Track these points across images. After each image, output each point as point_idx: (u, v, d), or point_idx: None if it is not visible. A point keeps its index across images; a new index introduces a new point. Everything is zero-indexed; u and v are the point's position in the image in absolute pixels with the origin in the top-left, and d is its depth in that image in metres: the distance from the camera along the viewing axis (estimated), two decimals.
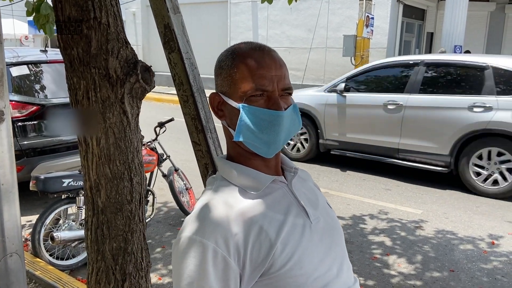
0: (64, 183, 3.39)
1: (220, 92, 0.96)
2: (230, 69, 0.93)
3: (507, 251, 3.92)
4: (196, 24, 14.95)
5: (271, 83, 0.91)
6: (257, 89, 0.90)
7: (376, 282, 3.36)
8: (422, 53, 15.03)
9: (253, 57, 0.92)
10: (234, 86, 0.92)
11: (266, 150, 0.93)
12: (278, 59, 0.94)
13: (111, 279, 1.51)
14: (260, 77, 0.90)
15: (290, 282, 0.87)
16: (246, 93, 0.90)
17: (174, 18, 1.30)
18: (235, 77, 0.92)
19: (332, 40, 13.01)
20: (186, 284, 0.83)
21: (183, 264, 0.84)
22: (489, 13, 14.54)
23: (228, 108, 0.94)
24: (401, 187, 5.65)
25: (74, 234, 3.38)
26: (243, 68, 0.92)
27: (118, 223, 1.48)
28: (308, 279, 0.88)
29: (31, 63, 4.74)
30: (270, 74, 0.91)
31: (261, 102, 0.91)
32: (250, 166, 0.96)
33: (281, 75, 0.92)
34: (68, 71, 1.40)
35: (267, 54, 0.93)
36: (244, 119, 0.90)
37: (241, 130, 0.91)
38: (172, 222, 4.45)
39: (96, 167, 1.44)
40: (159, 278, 3.35)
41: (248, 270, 0.85)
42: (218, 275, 0.82)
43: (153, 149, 4.24)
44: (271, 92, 0.91)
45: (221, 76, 0.96)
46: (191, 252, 0.84)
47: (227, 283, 0.83)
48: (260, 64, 0.91)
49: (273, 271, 0.85)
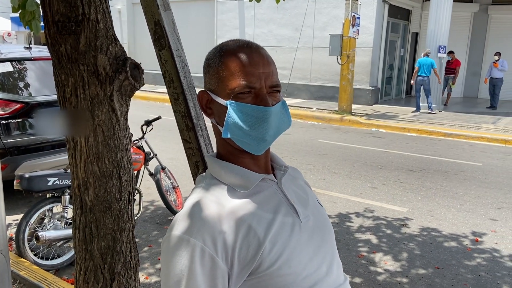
0: (49, 182, 3.34)
1: (208, 89, 0.96)
2: (217, 66, 0.93)
3: (490, 248, 3.99)
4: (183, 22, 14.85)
5: (259, 80, 0.90)
6: (244, 86, 0.89)
7: (362, 279, 3.39)
8: (407, 53, 15.20)
9: (240, 54, 0.92)
10: (221, 84, 0.92)
11: (255, 146, 0.92)
12: (266, 56, 0.93)
13: (99, 278, 1.49)
14: (247, 74, 0.90)
15: (278, 281, 0.86)
16: (233, 90, 0.90)
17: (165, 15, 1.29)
18: (222, 75, 0.91)
19: (318, 39, 13.07)
20: (174, 282, 0.83)
21: (172, 263, 0.84)
22: (472, 14, 14.77)
23: (217, 106, 0.94)
24: (387, 186, 5.72)
25: (60, 233, 3.34)
26: (230, 65, 0.91)
27: (106, 222, 1.47)
28: (297, 278, 0.88)
29: (14, 60, 4.65)
30: (258, 72, 0.90)
31: (248, 99, 0.90)
32: (239, 164, 0.96)
33: (269, 72, 0.92)
34: (56, 68, 1.38)
35: (255, 51, 0.93)
36: (231, 116, 0.90)
37: (229, 127, 0.90)
38: (159, 221, 4.42)
39: (85, 165, 1.42)
40: (146, 278, 3.33)
41: (236, 269, 0.84)
42: (206, 274, 0.82)
43: (139, 147, 4.21)
44: (259, 89, 0.90)
45: (209, 74, 0.95)
46: (179, 251, 0.83)
47: (214, 282, 0.83)
48: (247, 61, 0.90)
49: (262, 270, 0.85)
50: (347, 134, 9.36)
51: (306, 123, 10.64)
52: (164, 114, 5.46)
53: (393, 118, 10.65)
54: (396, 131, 9.70)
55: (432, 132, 9.35)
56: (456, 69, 12.87)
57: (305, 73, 13.50)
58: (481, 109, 12.59)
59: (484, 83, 13.08)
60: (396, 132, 9.65)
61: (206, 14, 15.34)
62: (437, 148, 8.14)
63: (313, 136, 9.00)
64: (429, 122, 10.17)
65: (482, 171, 6.52)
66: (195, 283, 0.82)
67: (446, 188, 5.68)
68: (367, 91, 12.71)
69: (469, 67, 15.01)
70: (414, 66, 15.68)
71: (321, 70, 13.08)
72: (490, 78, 12.45)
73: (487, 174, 6.35)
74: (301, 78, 13.55)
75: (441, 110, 11.98)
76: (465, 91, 15.23)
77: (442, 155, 7.52)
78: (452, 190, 5.60)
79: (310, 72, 13.46)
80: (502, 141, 8.64)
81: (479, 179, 6.12)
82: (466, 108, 12.79)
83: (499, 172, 6.49)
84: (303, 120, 10.87)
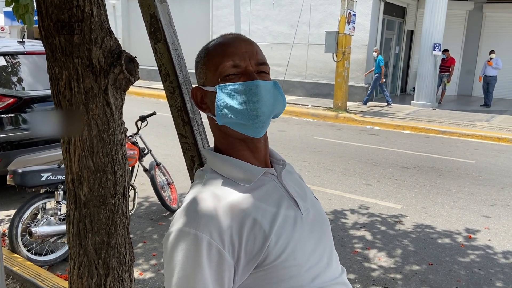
0: (42, 177, 3.32)
1: (199, 85, 0.98)
2: (203, 59, 0.96)
3: (484, 244, 4.02)
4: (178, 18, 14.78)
5: (243, 59, 0.91)
6: (229, 66, 0.90)
7: (357, 275, 3.40)
8: (402, 51, 15.23)
9: (222, 42, 0.95)
10: (209, 73, 0.94)
11: (252, 127, 0.90)
12: (248, 39, 0.96)
13: (93, 274, 1.48)
14: (230, 55, 0.91)
15: (284, 273, 0.87)
16: (220, 74, 0.91)
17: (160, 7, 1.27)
18: (208, 64, 0.94)
19: (314, 36, 13.06)
20: (180, 277, 0.82)
21: (177, 257, 0.83)
22: (467, 12, 14.82)
23: (209, 97, 0.94)
24: (381, 183, 5.73)
25: (53, 229, 3.32)
26: (214, 52, 0.94)
27: (101, 217, 1.45)
28: (301, 269, 0.89)
29: (7, 54, 4.60)
30: (241, 51, 0.92)
31: (236, 80, 0.91)
32: (239, 157, 0.95)
33: (252, 51, 0.93)
34: (49, 61, 1.36)
35: (236, 37, 0.96)
36: (221, 97, 0.90)
37: (221, 110, 0.90)
38: (154, 217, 4.41)
39: (79, 159, 1.40)
40: (140, 274, 3.32)
41: (242, 262, 0.84)
42: (213, 268, 0.82)
43: (134, 143, 4.18)
44: (245, 67, 0.91)
45: (197, 70, 0.98)
46: (184, 245, 0.82)
47: (221, 275, 0.83)
48: (229, 44, 0.93)
49: (268, 263, 0.85)
50: (342, 131, 9.38)
51: (301, 120, 10.64)
52: (159, 110, 5.43)
53: (387, 116, 10.67)
54: (390, 128, 9.73)
55: (426, 130, 9.39)
56: (451, 67, 12.93)
57: (300, 70, 13.49)
58: (475, 107, 12.65)
59: (479, 81, 13.15)
60: (391, 129, 9.68)
61: (201, 10, 15.28)
62: (431, 145, 8.18)
63: (308, 133, 9.01)
64: (424, 120, 10.20)
65: (475, 169, 6.56)
66: (203, 277, 0.81)
67: (440, 185, 5.71)
68: (362, 89, 12.73)
69: (463, 65, 15.07)
70: (409, 64, 15.79)
71: (316, 67, 13.08)
72: (484, 76, 12.52)
73: (480, 172, 6.39)
74: (297, 75, 13.55)
75: (436, 108, 12.03)
76: (459, 89, 15.30)
77: (436, 153, 7.55)
78: (446, 187, 5.63)
79: (305, 69, 13.45)
80: (496, 138, 8.69)
81: (473, 176, 6.15)
82: (460, 106, 12.85)
83: (493, 170, 6.53)
84: (298, 117, 10.87)
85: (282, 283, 0.87)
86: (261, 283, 0.87)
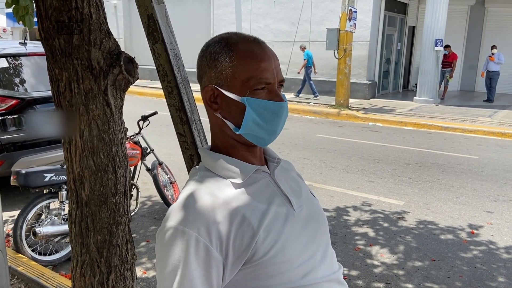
0: (45, 177, 3.34)
1: (216, 85, 0.94)
2: (228, 62, 0.92)
3: (486, 240, 4.02)
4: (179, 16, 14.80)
5: (273, 75, 0.93)
6: (260, 82, 0.91)
7: (359, 272, 3.41)
8: (404, 47, 15.19)
9: (252, 50, 0.92)
10: (234, 80, 0.91)
11: (266, 140, 0.96)
12: (272, 52, 0.96)
13: (96, 272, 1.50)
14: (263, 70, 0.91)
15: (273, 269, 0.88)
16: (249, 87, 0.91)
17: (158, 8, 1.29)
18: (236, 71, 0.91)
19: (315, 33, 13.04)
20: (169, 272, 0.85)
21: (167, 253, 0.86)
22: (469, 7, 14.75)
23: (226, 101, 0.93)
24: (383, 179, 5.74)
25: (57, 229, 3.34)
26: (244, 61, 0.91)
27: (102, 216, 1.47)
28: (291, 265, 0.90)
29: (10, 56, 4.63)
30: (271, 67, 0.93)
31: (263, 95, 0.92)
32: (237, 156, 0.97)
33: (278, 67, 0.95)
34: (49, 62, 1.38)
35: (265, 47, 0.95)
36: (250, 113, 0.91)
37: (247, 123, 0.92)
38: (157, 216, 4.43)
39: (80, 159, 1.42)
40: (143, 272, 3.35)
41: (231, 258, 0.86)
42: (200, 264, 0.84)
43: (136, 143, 4.20)
44: (272, 84, 0.93)
45: (216, 69, 0.93)
46: (174, 241, 0.85)
47: (209, 272, 0.85)
48: (261, 57, 0.92)
49: (256, 259, 0.87)
50: (344, 128, 9.37)
51: (303, 117, 10.64)
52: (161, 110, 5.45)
53: (390, 112, 10.66)
54: (393, 125, 9.72)
55: (428, 126, 9.37)
56: (453, 62, 12.89)
57: None
58: (478, 102, 12.61)
59: (481, 76, 13.10)
60: (393, 126, 9.66)
61: (202, 8, 15.29)
62: (433, 141, 8.16)
63: (310, 130, 9.01)
64: (426, 116, 10.18)
65: (478, 164, 6.55)
66: (190, 272, 0.83)
67: (442, 181, 5.70)
68: (364, 85, 12.71)
69: (465, 61, 15.02)
70: (411, 60, 15.75)
71: (318, 65, 13.05)
72: (486, 71, 12.47)
73: (483, 167, 6.38)
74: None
75: (438, 104, 12.00)
76: (462, 85, 15.25)
77: (439, 149, 7.54)
78: (449, 183, 5.62)
79: None
80: (499, 134, 8.67)
81: (475, 172, 6.14)
82: (463, 101, 12.82)
83: (495, 165, 6.52)
84: (300, 115, 10.87)
85: (271, 279, 0.88)
86: (250, 279, 0.88)
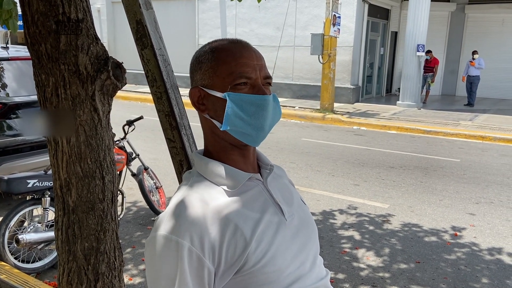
0: (29, 183, 3.29)
1: (201, 86, 0.95)
2: (210, 62, 0.93)
3: (469, 242, 4.09)
4: (164, 21, 14.72)
5: (254, 70, 0.92)
6: (241, 76, 0.91)
7: (346, 275, 3.44)
8: (387, 52, 15.40)
9: (233, 48, 0.94)
10: (216, 77, 0.92)
11: (254, 137, 0.93)
12: (256, 51, 0.96)
13: (83, 280, 1.48)
14: (243, 65, 0.91)
15: (263, 278, 0.88)
16: (231, 83, 0.91)
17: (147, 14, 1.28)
18: (216, 68, 0.92)
19: (300, 38, 13.13)
20: (165, 284, 0.83)
21: (159, 264, 0.84)
22: (449, 13, 15.05)
23: (212, 100, 0.93)
24: (368, 183, 5.79)
25: (40, 236, 3.28)
26: (224, 58, 0.92)
27: (90, 223, 1.46)
28: (280, 275, 0.90)
29: None
30: (252, 63, 0.92)
31: (245, 90, 0.91)
32: (228, 162, 0.96)
33: (262, 64, 0.95)
34: (36, 68, 1.36)
35: (246, 46, 0.95)
36: (231, 107, 0.90)
37: (229, 118, 0.91)
38: (142, 221, 4.39)
39: (67, 165, 1.40)
40: (129, 279, 3.31)
41: (222, 268, 0.85)
42: (193, 273, 0.83)
43: (121, 148, 4.16)
44: (255, 79, 0.92)
45: (200, 71, 0.95)
46: (166, 252, 0.83)
47: (202, 280, 0.84)
48: (241, 54, 0.93)
49: (247, 268, 0.86)
50: (329, 132, 9.44)
51: (288, 121, 10.69)
52: (146, 114, 5.42)
53: (374, 116, 10.78)
54: (377, 129, 9.83)
55: (411, 130, 9.50)
56: (434, 67, 13.11)
57: (287, 72, 13.55)
58: (459, 106, 12.84)
59: (462, 81, 13.36)
60: (377, 130, 9.78)
61: (187, 13, 15.25)
62: (417, 145, 8.28)
63: (295, 134, 9.05)
64: (409, 120, 10.33)
65: (460, 167, 6.66)
66: (186, 282, 0.83)
67: (426, 184, 5.79)
68: (348, 90, 12.84)
69: (447, 66, 15.30)
70: (394, 65, 15.97)
71: (303, 69, 13.15)
72: (467, 76, 12.72)
73: (465, 170, 6.49)
74: (283, 77, 13.60)
75: (421, 108, 12.19)
76: (443, 89, 15.52)
77: (422, 152, 7.65)
78: (432, 186, 5.71)
79: (292, 71, 13.51)
80: (480, 137, 8.84)
81: (458, 175, 6.25)
82: (444, 105, 13.04)
83: (477, 168, 6.64)
84: (286, 119, 10.91)
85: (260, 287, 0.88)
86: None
